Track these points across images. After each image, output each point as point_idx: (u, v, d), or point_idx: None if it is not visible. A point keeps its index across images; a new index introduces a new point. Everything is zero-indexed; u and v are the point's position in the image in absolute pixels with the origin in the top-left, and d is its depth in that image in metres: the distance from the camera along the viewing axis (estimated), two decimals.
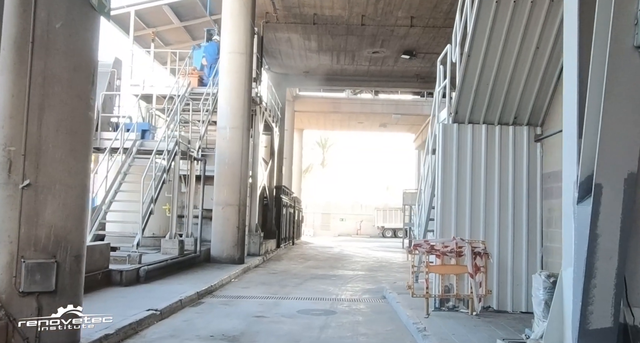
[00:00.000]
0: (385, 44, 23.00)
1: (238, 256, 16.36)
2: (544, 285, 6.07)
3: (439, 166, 9.20)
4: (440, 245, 8.63)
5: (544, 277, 6.13)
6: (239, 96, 16.69)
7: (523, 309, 8.97)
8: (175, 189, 14.30)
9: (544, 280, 6.09)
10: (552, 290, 5.87)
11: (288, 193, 29.72)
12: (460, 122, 9.27)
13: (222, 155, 16.59)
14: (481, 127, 9.25)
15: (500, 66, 8.57)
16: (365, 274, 16.18)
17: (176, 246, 13.96)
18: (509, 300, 9.00)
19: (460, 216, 9.11)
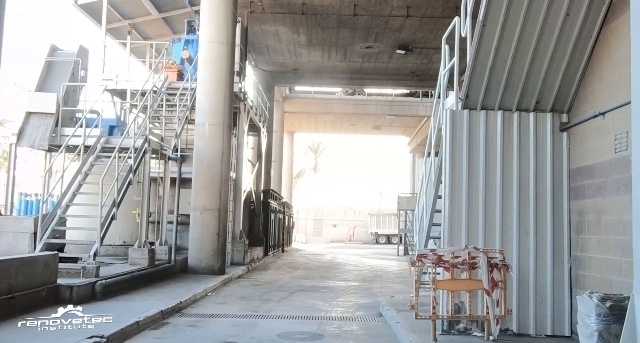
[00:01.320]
0: (379, 37, 21.54)
1: (218, 266, 14.79)
2: (598, 311, 4.57)
3: (446, 162, 7.70)
4: (450, 256, 7.10)
5: (596, 300, 4.62)
6: (219, 89, 15.15)
7: (548, 332, 7.47)
8: (145, 192, 12.73)
9: (598, 304, 4.59)
10: (610, 317, 4.38)
11: (277, 198, 28.16)
12: (472, 109, 7.78)
13: (200, 154, 15.04)
14: (496, 114, 7.76)
15: (522, 38, 7.09)
16: (359, 285, 14.64)
17: (145, 255, 12.38)
18: (531, 321, 7.50)
19: (472, 220, 7.60)
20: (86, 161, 11.96)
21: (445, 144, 7.78)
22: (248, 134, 23.41)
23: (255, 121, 22.13)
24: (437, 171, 8.81)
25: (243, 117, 19.02)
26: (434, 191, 9.12)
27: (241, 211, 18.74)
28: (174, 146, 14.62)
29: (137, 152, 12.08)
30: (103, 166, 11.99)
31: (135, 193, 13.01)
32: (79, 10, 18.17)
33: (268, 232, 24.86)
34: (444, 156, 7.78)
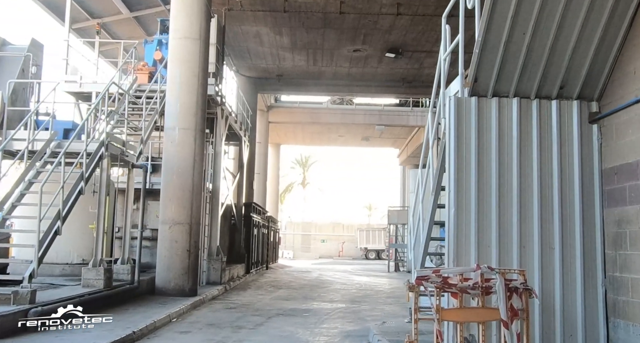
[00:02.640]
0: (367, 39, 20.20)
1: (189, 287, 13.19)
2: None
3: (451, 162, 6.24)
4: (458, 278, 5.62)
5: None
6: (190, 90, 13.67)
7: None
8: (102, 203, 11.16)
9: None
10: None
11: (261, 212, 26.59)
12: (481, 96, 6.35)
13: (169, 162, 13.52)
14: (511, 102, 6.34)
15: (544, 8, 5.68)
16: (346, 307, 13.09)
17: (101, 276, 10.78)
18: None
19: (483, 233, 6.13)
20: (30, 168, 10.37)
21: (448, 140, 6.33)
22: (228, 143, 22.01)
23: (236, 129, 20.64)
24: (437, 176, 7.37)
25: (221, 124, 17.50)
26: (432, 200, 7.66)
27: (218, 226, 17.16)
28: (140, 152, 13.09)
29: (91, 157, 10.52)
30: (53, 173, 10.42)
31: (91, 205, 11.45)
32: (39, 5, 16.66)
33: (250, 248, 23.25)
34: (447, 155, 6.32)
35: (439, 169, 7.31)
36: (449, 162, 6.26)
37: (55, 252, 13.07)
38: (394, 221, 30.41)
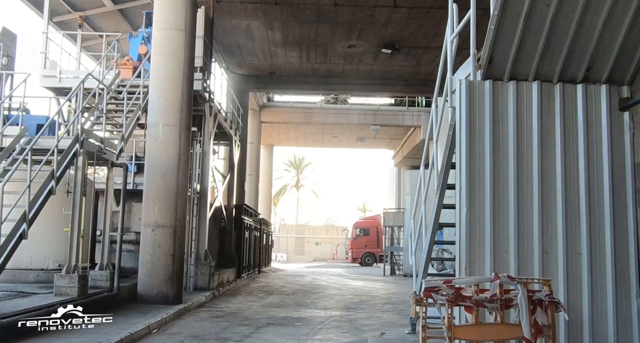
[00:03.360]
0: (363, 34, 19.41)
1: (173, 294, 12.34)
2: None
3: (462, 154, 5.45)
4: (473, 289, 4.80)
5: None
6: (175, 84, 12.83)
7: None
8: (77, 205, 10.30)
9: None
10: None
11: (252, 214, 25.72)
12: (497, 79, 5.56)
13: (152, 161, 12.67)
14: (531, 86, 5.56)
15: None
16: (341, 315, 12.26)
17: (75, 283, 9.93)
18: None
19: (500, 236, 5.34)
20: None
21: (459, 130, 5.54)
22: (218, 143, 21.20)
23: (226, 128, 19.80)
24: (443, 173, 6.57)
25: (209, 121, 16.66)
26: (436, 200, 6.86)
27: (207, 228, 16.29)
28: (120, 150, 12.24)
29: (63, 154, 9.67)
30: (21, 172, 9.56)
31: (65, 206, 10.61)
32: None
33: (241, 252, 22.38)
34: (458, 148, 5.53)
35: (445, 164, 6.52)
36: (460, 155, 5.46)
37: (30, 257, 12.26)
38: (390, 224, 29.61)
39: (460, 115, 5.49)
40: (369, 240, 40.05)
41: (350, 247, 40.59)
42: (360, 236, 40.17)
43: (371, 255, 39.77)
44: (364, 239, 40.06)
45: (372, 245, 39.98)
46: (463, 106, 5.44)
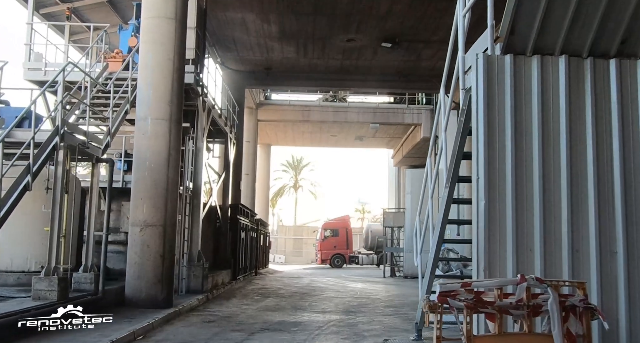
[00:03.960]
0: (362, 27, 18.74)
1: (163, 297, 11.66)
2: None
3: (480, 140, 4.83)
4: (495, 294, 4.12)
5: None
6: (165, 75, 12.16)
7: None
8: (57, 202, 9.60)
9: None
10: None
11: (249, 214, 25.03)
12: (519, 53, 4.91)
13: (141, 156, 11.99)
14: (558, 61, 4.90)
15: None
16: (340, 320, 11.57)
17: (54, 287, 9.23)
18: None
19: (523, 232, 4.67)
20: None
21: (476, 112, 4.86)
22: (213, 140, 20.52)
23: (221, 125, 19.13)
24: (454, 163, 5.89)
25: (202, 117, 15.98)
26: (445, 194, 6.19)
27: (200, 228, 15.61)
28: (106, 145, 11.55)
29: (40, 148, 8.98)
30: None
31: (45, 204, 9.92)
32: None
33: (237, 253, 21.69)
34: (475, 133, 4.87)
35: (456, 155, 5.84)
36: (477, 141, 4.79)
37: (10, 259, 11.55)
38: (390, 224, 28.93)
39: (477, 95, 4.83)
40: (338, 241, 39.46)
41: (319, 248, 40.03)
42: (329, 237, 39.56)
43: (340, 256, 39.19)
44: (332, 240, 39.46)
45: (341, 246, 39.41)
46: (480, 84, 4.78)
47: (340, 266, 38.21)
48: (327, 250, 39.01)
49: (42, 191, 10.54)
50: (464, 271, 10.26)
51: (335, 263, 38.71)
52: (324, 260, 39.00)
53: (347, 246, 39.52)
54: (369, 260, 39.47)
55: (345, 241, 39.37)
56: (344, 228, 40.10)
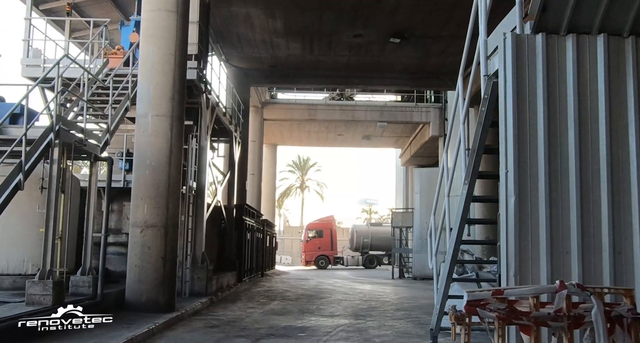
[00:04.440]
0: (369, 22, 18.23)
1: (164, 301, 11.19)
2: None
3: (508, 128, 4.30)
4: (531, 303, 3.61)
5: None
6: (165, 71, 11.70)
7: None
8: (53, 202, 9.14)
9: None
10: None
11: (255, 215, 24.56)
12: (552, 32, 4.39)
13: (141, 155, 11.54)
14: (596, 40, 4.40)
15: None
16: (349, 324, 11.06)
17: (49, 291, 8.78)
18: None
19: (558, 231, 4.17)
20: None
21: (504, 96, 4.36)
22: (218, 139, 20.07)
23: (226, 124, 18.68)
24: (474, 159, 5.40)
25: (206, 115, 15.53)
26: (465, 191, 5.70)
27: (204, 229, 15.15)
28: (105, 143, 11.11)
29: (33, 145, 8.53)
30: None
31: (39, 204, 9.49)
32: None
33: (243, 254, 21.22)
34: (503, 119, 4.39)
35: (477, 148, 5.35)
36: (506, 130, 4.30)
37: (6, 261, 11.22)
38: (398, 224, 28.41)
39: (504, 79, 4.33)
40: (323, 242, 39.15)
41: (304, 249, 39.70)
42: (313, 238, 39.14)
43: (325, 257, 38.88)
44: (317, 241, 39.13)
45: (325, 248, 39.09)
46: (508, 67, 4.28)
47: (325, 268, 37.85)
48: (311, 251, 38.68)
49: (39, 191, 10.14)
50: (480, 274, 9.75)
51: (320, 264, 38.42)
52: (308, 261, 38.72)
53: (332, 247, 39.27)
54: (353, 261, 39.24)
55: (329, 242, 39.12)
56: (328, 229, 39.83)
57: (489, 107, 5.33)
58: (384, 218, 66.22)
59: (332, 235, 39.23)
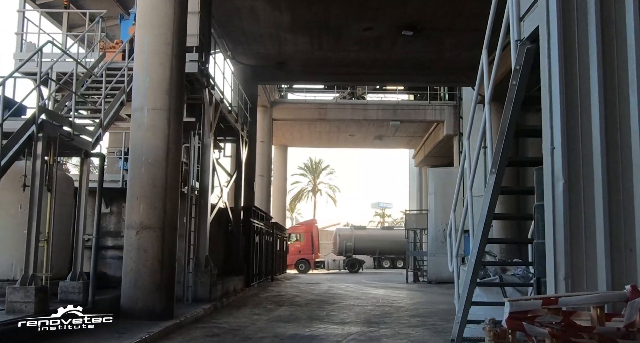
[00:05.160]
0: (379, 15, 17.40)
1: (162, 308, 10.43)
2: None
3: (554, 93, 3.41)
4: (594, 315, 2.75)
5: None
6: (162, 61, 10.96)
7: None
8: (36, 202, 8.40)
9: None
10: None
11: (263, 217, 23.76)
12: None
13: (136, 151, 10.81)
14: None
15: None
16: (361, 333, 10.20)
17: (31, 298, 8.03)
18: None
19: (620, 224, 3.29)
20: None
21: (547, 56, 3.50)
22: (224, 139, 19.34)
23: (231, 122, 17.93)
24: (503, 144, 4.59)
25: (209, 111, 14.77)
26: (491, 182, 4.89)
27: (207, 231, 14.37)
28: (97, 138, 10.37)
29: (11, 138, 7.79)
30: None
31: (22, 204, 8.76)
32: None
33: (251, 258, 20.42)
34: (545, 85, 3.51)
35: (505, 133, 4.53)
36: (551, 100, 3.44)
37: None
38: (412, 226, 27.51)
39: (548, 37, 3.49)
40: (303, 246, 38.78)
41: None
42: (293, 242, 38.51)
43: (305, 261, 38.48)
44: (297, 245, 38.50)
45: (306, 251, 38.70)
46: (553, 19, 3.44)
47: (306, 271, 37.47)
48: (292, 255, 38.06)
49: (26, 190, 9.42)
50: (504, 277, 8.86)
51: (300, 268, 37.94)
52: (289, 265, 38.11)
53: (312, 251, 38.69)
54: (334, 265, 39.29)
55: (310, 245, 38.77)
56: (308, 233, 39.42)
57: (522, 80, 4.50)
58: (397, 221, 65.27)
59: (312, 239, 38.78)
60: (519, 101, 4.62)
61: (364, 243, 39.56)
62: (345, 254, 39.23)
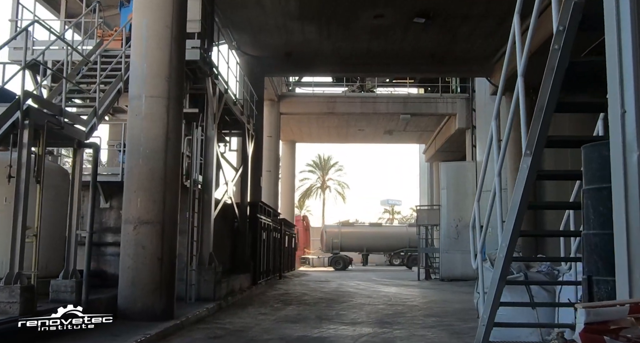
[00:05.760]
0: (390, 1, 16.67)
1: (161, 307, 9.80)
2: None
3: (624, 43, 2.69)
4: None
5: None
6: (161, 46, 10.31)
7: None
8: (22, 194, 7.76)
9: None
10: None
11: (271, 213, 23.09)
12: None
13: (134, 142, 10.16)
14: None
15: None
16: (374, 334, 9.51)
17: (16, 298, 7.40)
18: None
19: None
20: None
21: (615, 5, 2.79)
22: (230, 133, 18.69)
23: (237, 114, 17.25)
24: (541, 120, 3.93)
25: (212, 102, 14.10)
26: (527, 165, 4.23)
27: (211, 227, 13.73)
28: (91, 127, 9.73)
29: None
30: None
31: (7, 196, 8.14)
32: None
33: (258, 255, 19.77)
34: (612, 37, 2.80)
35: (545, 107, 3.86)
36: (620, 54, 2.73)
37: None
38: (424, 223, 26.78)
39: None
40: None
41: None
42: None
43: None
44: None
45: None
46: None
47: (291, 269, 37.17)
48: None
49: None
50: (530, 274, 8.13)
51: None
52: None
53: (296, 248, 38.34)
54: (319, 262, 39.51)
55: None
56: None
57: (567, 42, 3.81)
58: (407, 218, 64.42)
59: (297, 235, 38.25)
60: (562, 68, 3.93)
61: (351, 240, 39.09)
62: (332, 251, 38.77)
